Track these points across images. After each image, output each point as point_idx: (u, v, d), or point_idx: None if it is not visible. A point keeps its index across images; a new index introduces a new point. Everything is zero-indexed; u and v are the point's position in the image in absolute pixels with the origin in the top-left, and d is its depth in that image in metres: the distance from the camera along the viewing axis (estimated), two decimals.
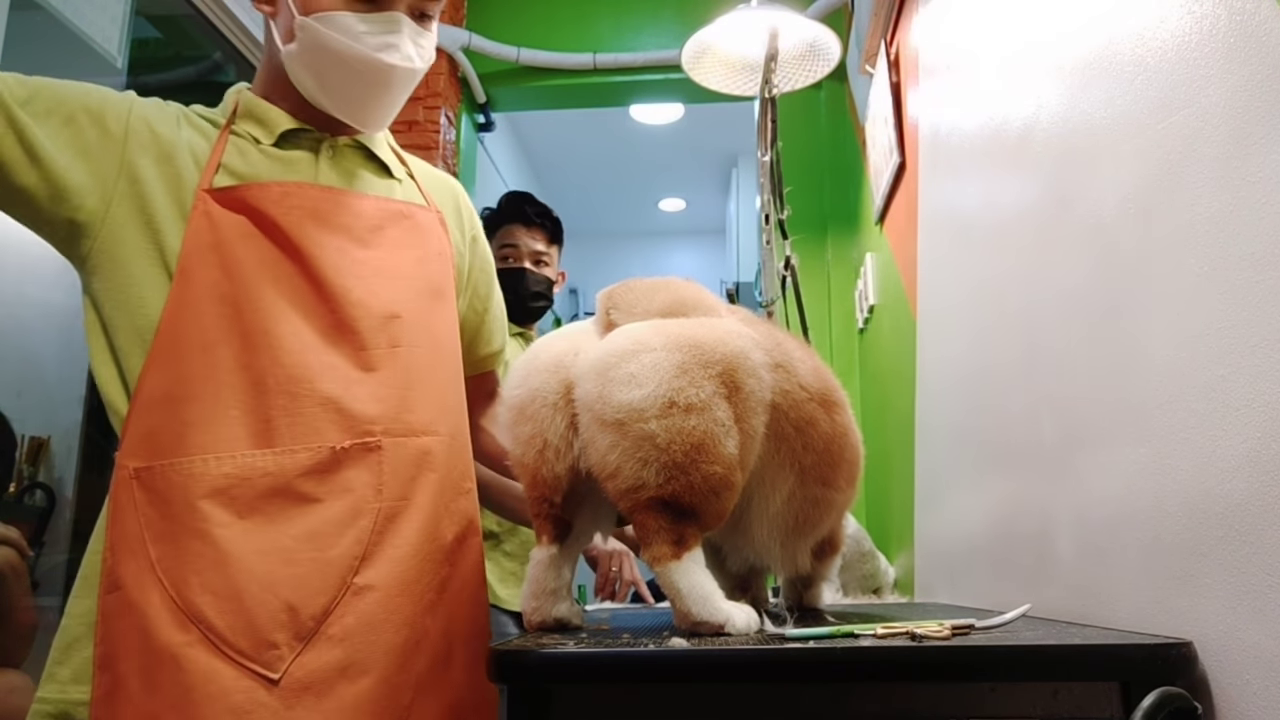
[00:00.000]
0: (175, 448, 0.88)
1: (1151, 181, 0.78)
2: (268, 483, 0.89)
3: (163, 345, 0.90)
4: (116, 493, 0.88)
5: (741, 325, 0.92)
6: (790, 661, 0.70)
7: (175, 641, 0.84)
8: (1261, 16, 0.63)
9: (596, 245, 5.98)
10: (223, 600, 0.85)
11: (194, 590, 0.85)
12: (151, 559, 0.86)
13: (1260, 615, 0.63)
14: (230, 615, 0.85)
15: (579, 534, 0.94)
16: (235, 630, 0.85)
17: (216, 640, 0.84)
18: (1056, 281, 0.98)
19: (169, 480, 0.87)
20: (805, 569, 1.03)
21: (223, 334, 0.90)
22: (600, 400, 0.83)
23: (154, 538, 0.86)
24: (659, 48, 2.82)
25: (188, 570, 0.86)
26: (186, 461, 0.88)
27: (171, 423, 0.88)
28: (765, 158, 1.83)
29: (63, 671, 0.87)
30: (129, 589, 0.85)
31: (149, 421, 0.89)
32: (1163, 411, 0.76)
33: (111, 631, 0.85)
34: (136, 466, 0.88)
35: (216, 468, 0.88)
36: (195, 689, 0.82)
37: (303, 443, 0.90)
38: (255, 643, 0.85)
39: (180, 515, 0.87)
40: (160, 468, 0.88)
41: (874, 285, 2.20)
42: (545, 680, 0.75)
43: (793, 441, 0.91)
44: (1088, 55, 0.90)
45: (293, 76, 0.97)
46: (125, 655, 0.84)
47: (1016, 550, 1.12)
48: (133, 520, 0.87)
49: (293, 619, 0.86)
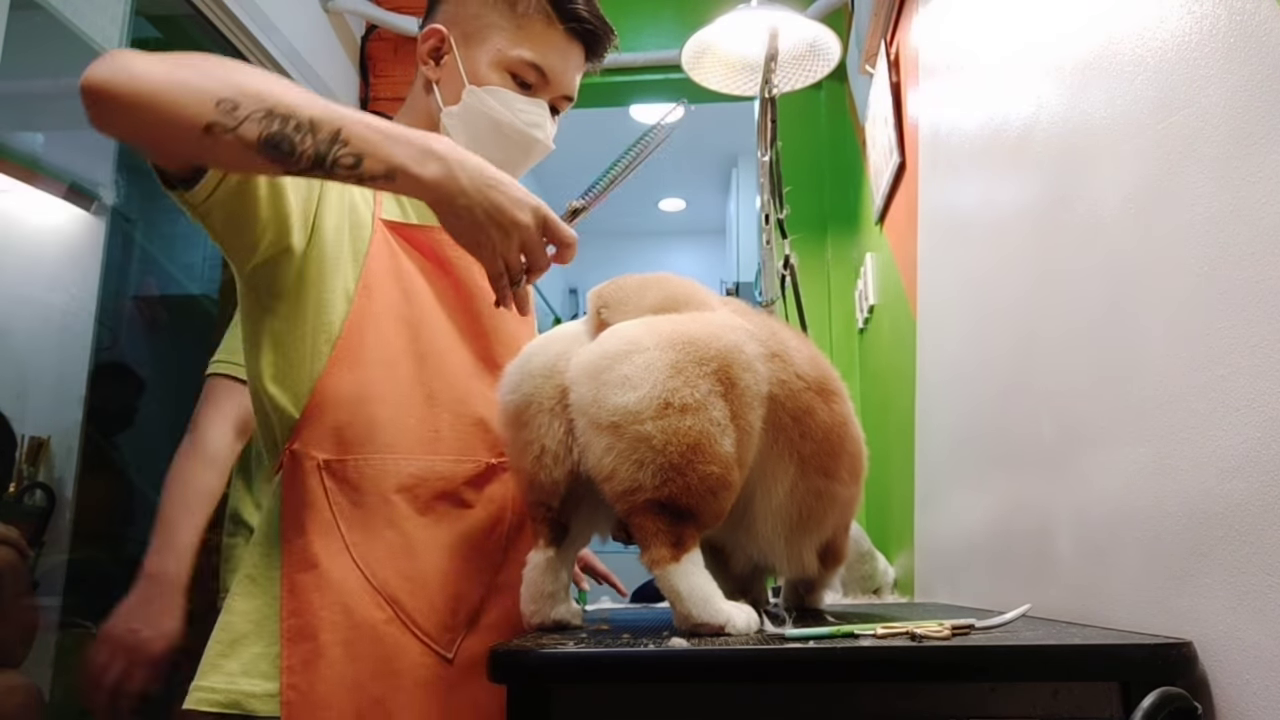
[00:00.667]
0: (366, 444, 0.97)
1: (1151, 181, 0.78)
2: (441, 486, 1.00)
3: (347, 352, 0.99)
4: (300, 480, 0.96)
5: (735, 317, 0.91)
6: (790, 661, 0.70)
7: (375, 618, 0.94)
8: (1261, 16, 0.63)
9: (596, 245, 5.96)
10: (413, 585, 0.96)
11: (388, 573, 0.96)
12: (346, 542, 0.95)
13: (1261, 615, 0.63)
14: (418, 599, 0.96)
15: (576, 537, 0.94)
16: (422, 613, 0.96)
17: (407, 620, 0.95)
18: (1056, 281, 0.98)
19: (362, 473, 0.97)
20: (811, 570, 1.02)
21: (403, 351, 1.01)
22: (595, 404, 0.83)
23: (349, 524, 0.95)
24: (659, 48, 2.82)
25: (381, 555, 0.96)
26: (379, 458, 0.98)
27: (360, 421, 0.98)
28: (765, 158, 1.83)
29: (230, 664, 0.93)
30: (327, 568, 0.93)
31: (338, 418, 0.97)
32: (1163, 411, 0.76)
33: (309, 605, 0.93)
34: (326, 458, 0.97)
35: (405, 466, 0.99)
36: (392, 660, 0.93)
37: (466, 455, 1.03)
38: (437, 625, 0.97)
39: (374, 505, 0.97)
40: (354, 461, 0.97)
41: (874, 285, 2.20)
42: (545, 680, 0.75)
43: (790, 431, 0.90)
44: (1088, 55, 0.90)
45: (448, 132, 1.09)
46: (327, 627, 0.92)
47: (1016, 550, 1.12)
48: (323, 506, 0.95)
49: (461, 608, 0.99)
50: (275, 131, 0.80)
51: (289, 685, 0.90)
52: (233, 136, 0.79)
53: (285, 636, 0.92)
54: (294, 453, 0.97)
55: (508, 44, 1.09)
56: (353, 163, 0.83)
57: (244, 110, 0.80)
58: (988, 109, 1.23)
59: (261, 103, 0.80)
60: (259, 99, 0.80)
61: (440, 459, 1.01)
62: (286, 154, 0.81)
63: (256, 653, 0.93)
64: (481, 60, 1.09)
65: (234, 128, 0.79)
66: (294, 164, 0.82)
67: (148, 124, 0.79)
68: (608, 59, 1.19)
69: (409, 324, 1.03)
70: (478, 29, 1.10)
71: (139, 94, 0.77)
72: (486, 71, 1.09)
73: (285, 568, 0.94)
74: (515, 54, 1.09)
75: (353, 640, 0.93)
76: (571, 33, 1.11)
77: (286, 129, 0.81)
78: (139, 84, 0.77)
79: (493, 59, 1.09)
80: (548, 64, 1.10)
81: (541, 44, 1.10)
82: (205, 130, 0.79)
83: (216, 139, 0.79)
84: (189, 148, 0.82)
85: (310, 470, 0.96)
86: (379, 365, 1.00)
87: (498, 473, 1.05)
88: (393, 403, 0.99)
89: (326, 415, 0.97)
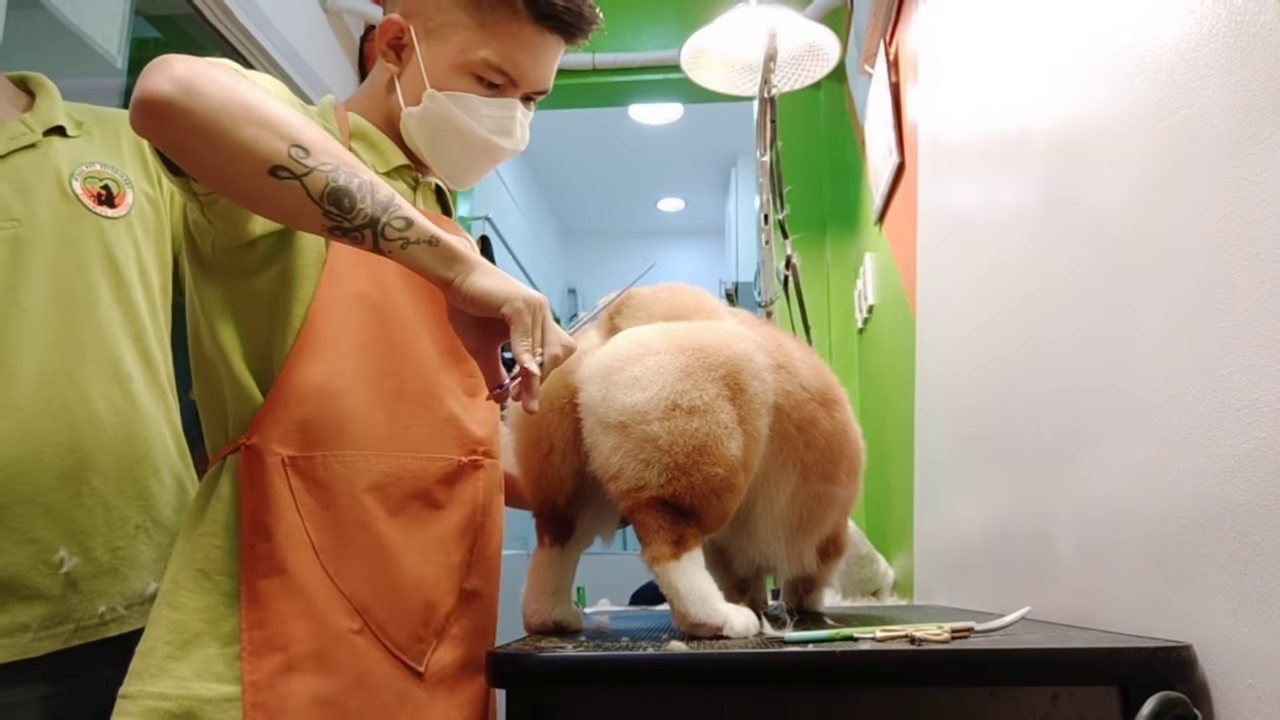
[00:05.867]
0: (335, 440, 0.90)
1: (1151, 181, 0.77)
2: (413, 485, 0.94)
3: (313, 340, 0.91)
4: (260, 477, 0.88)
5: (743, 328, 0.93)
6: (789, 665, 0.70)
7: (346, 628, 0.87)
8: (1263, 18, 0.62)
9: (595, 245, 5.98)
10: (383, 592, 0.90)
11: (357, 580, 0.89)
12: (314, 546, 0.88)
13: (1261, 618, 0.63)
14: (390, 608, 0.90)
15: (580, 536, 0.95)
16: (394, 622, 0.90)
17: (377, 630, 0.89)
18: (1056, 281, 0.98)
19: (331, 471, 0.90)
20: (811, 569, 1.03)
21: (373, 339, 0.94)
22: (604, 403, 0.84)
23: (316, 526, 0.88)
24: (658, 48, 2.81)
25: (351, 560, 0.89)
26: (348, 455, 0.91)
27: (328, 416, 0.90)
28: (764, 158, 1.82)
29: (181, 668, 0.84)
30: (295, 574, 0.87)
31: (303, 411, 0.90)
32: (1163, 411, 0.76)
33: (275, 614, 0.85)
34: (291, 455, 0.89)
35: (376, 464, 0.92)
36: (366, 675, 0.87)
37: (437, 452, 0.96)
38: (408, 636, 0.91)
39: (343, 506, 0.90)
40: (323, 459, 0.90)
41: (873, 285, 2.20)
42: (544, 684, 0.74)
43: (795, 441, 0.92)
44: (1088, 55, 0.90)
45: (407, 131, 1.03)
46: (298, 638, 0.85)
47: (1016, 552, 1.12)
48: (288, 507, 0.88)
49: (431, 617, 0.93)
50: (341, 185, 0.78)
51: (254, 703, 0.82)
52: (297, 183, 0.76)
53: (248, 649, 0.84)
54: (252, 448, 0.89)
55: (471, 44, 0.98)
56: (403, 225, 0.80)
57: (314, 159, 0.77)
58: (987, 109, 1.23)
59: (330, 154, 0.78)
60: (326, 149, 0.78)
61: (411, 457, 0.94)
62: (345, 210, 0.78)
63: (211, 654, 0.85)
64: (443, 60, 0.99)
65: (301, 175, 0.76)
66: (343, 219, 0.78)
67: (210, 149, 0.76)
68: (608, 59, 1.17)
69: (379, 311, 0.95)
70: (440, 25, 0.99)
71: (210, 120, 0.74)
72: (448, 74, 0.99)
73: (244, 572, 0.86)
74: (480, 56, 0.98)
75: (325, 652, 0.86)
76: (543, 26, 1.00)
77: (351, 185, 0.78)
78: (212, 108, 0.74)
79: (455, 60, 0.99)
80: (515, 65, 1.00)
81: (509, 42, 0.99)
82: (270, 171, 0.76)
83: (280, 183, 0.76)
84: (242, 183, 0.78)
85: (273, 467, 0.88)
86: (348, 355, 0.92)
87: (468, 472, 0.99)
88: (362, 396, 0.92)
89: (290, 408, 0.90)
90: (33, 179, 1.08)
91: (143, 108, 0.74)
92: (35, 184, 1.08)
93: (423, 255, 0.81)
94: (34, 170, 1.08)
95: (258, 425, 0.89)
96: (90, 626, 1.03)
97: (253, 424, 0.89)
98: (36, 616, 0.98)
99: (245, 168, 0.76)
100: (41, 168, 1.09)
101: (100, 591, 1.04)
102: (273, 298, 0.91)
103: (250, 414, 0.90)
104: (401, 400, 0.95)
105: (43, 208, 1.07)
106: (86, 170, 1.13)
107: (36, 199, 1.07)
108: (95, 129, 1.18)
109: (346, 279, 0.94)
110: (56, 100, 1.16)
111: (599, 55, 2.77)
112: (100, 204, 1.13)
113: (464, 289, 0.81)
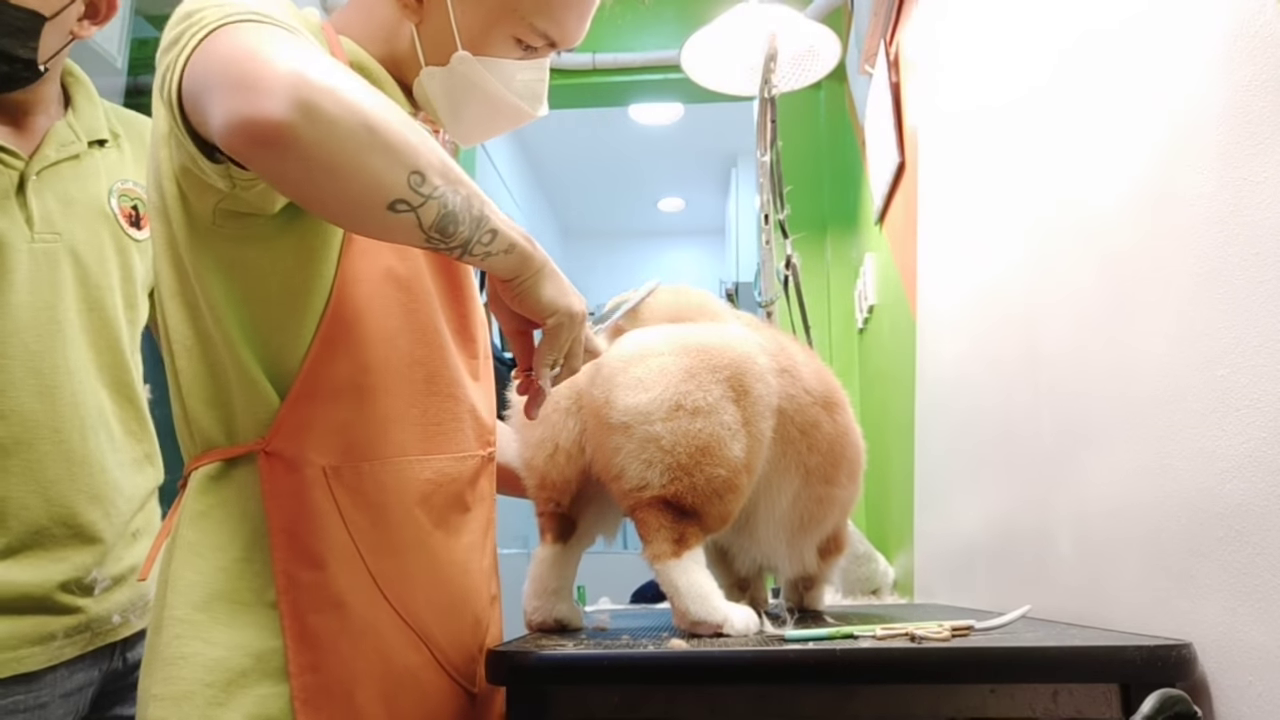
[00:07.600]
0: (378, 446, 0.79)
1: (1151, 181, 0.78)
2: (453, 490, 0.84)
3: (340, 326, 0.77)
4: (300, 492, 0.75)
5: (747, 330, 0.93)
6: (789, 663, 0.70)
7: (414, 663, 0.78)
8: (1264, 18, 0.62)
9: (596, 245, 5.97)
10: (442, 614, 0.81)
11: (419, 606, 0.79)
12: (371, 572, 0.77)
13: (1261, 616, 0.63)
14: (449, 630, 0.82)
15: (583, 534, 0.95)
16: (454, 646, 0.82)
17: (441, 658, 0.81)
18: (1056, 281, 0.98)
19: (380, 483, 0.78)
20: (812, 568, 1.04)
21: (402, 323, 0.81)
22: (607, 404, 0.84)
23: (369, 548, 0.77)
24: (658, 47, 2.82)
25: (411, 585, 0.79)
26: (396, 463, 0.79)
27: (365, 417, 0.78)
28: (765, 158, 1.83)
29: (228, 715, 0.71)
30: (356, 606, 0.75)
31: (339, 413, 0.77)
32: (1163, 411, 0.76)
33: (337, 656, 0.74)
34: (333, 464, 0.76)
35: (421, 471, 0.81)
36: (437, 713, 0.79)
37: (468, 450, 0.87)
38: (465, 658, 0.84)
39: (397, 522, 0.79)
40: (370, 469, 0.78)
41: (873, 285, 2.20)
42: (545, 682, 0.75)
43: (798, 444, 0.92)
44: (1088, 55, 0.90)
45: (422, 87, 0.87)
46: (365, 681, 0.75)
47: (1016, 551, 1.12)
48: (336, 527, 0.76)
49: (478, 631, 0.86)
50: (449, 212, 0.66)
51: None
52: (413, 215, 0.65)
53: (299, 697, 0.71)
54: (276, 454, 0.75)
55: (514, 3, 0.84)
56: (489, 240, 0.70)
57: (429, 185, 0.64)
58: (987, 108, 1.23)
59: (442, 174, 0.65)
60: (439, 169, 0.65)
61: (449, 458, 0.84)
62: (448, 236, 0.67)
63: (263, 694, 0.72)
64: (478, 19, 0.84)
65: (418, 206, 0.65)
66: (441, 243, 0.68)
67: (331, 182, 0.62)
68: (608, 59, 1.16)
69: (406, 288, 0.82)
70: None
71: (336, 151, 0.60)
72: (483, 35, 0.84)
73: (286, 605, 0.73)
74: (524, 18, 0.84)
75: (392, 694, 0.76)
76: None
77: (457, 208, 0.67)
78: (338, 137, 0.60)
79: (493, 20, 0.84)
80: (561, 27, 0.86)
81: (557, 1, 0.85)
82: (389, 206, 0.63)
83: (396, 216, 0.64)
84: (356, 218, 0.66)
85: (313, 480, 0.75)
86: (379, 343, 0.79)
87: (486, 466, 0.90)
88: (396, 392, 0.80)
89: (323, 408, 0.76)
90: (75, 192, 1.11)
91: (253, 136, 0.59)
92: (78, 197, 1.11)
93: (496, 263, 0.72)
94: (77, 183, 1.12)
95: (280, 428, 0.75)
96: (104, 632, 1.11)
97: (273, 426, 0.75)
98: (64, 626, 1.06)
99: (365, 203, 0.63)
100: (85, 182, 1.13)
101: (114, 601, 1.12)
102: (285, 276, 0.77)
103: (266, 413, 0.76)
104: (432, 393, 0.83)
105: (83, 225, 1.11)
106: (121, 187, 1.17)
107: (77, 214, 1.11)
108: (124, 137, 1.21)
109: (372, 253, 0.80)
110: (95, 102, 1.19)
111: (599, 55, 2.77)
112: (130, 225, 1.16)
113: (522, 292, 0.74)
